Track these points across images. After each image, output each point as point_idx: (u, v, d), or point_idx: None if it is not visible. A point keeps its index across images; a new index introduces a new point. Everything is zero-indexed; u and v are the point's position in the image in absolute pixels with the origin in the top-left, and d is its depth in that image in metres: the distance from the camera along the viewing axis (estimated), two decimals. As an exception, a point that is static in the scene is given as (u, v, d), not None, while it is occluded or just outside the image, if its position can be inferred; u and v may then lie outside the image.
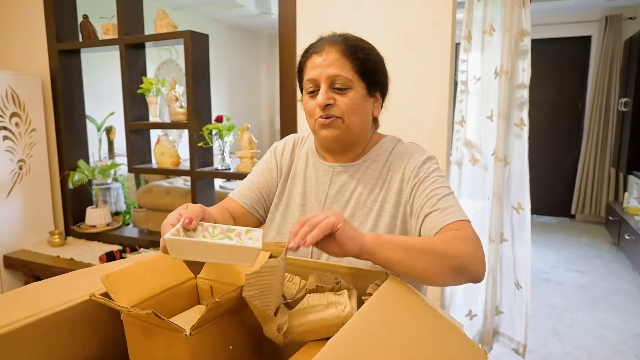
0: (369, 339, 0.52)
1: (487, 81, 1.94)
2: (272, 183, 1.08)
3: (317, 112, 0.92)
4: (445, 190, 0.89)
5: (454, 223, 0.82)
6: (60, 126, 2.71)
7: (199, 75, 2.29)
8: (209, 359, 0.58)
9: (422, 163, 0.94)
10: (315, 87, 0.92)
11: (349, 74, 0.90)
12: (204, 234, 0.72)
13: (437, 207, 0.86)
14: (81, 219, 2.81)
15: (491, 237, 1.96)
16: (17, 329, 0.55)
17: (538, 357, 2.34)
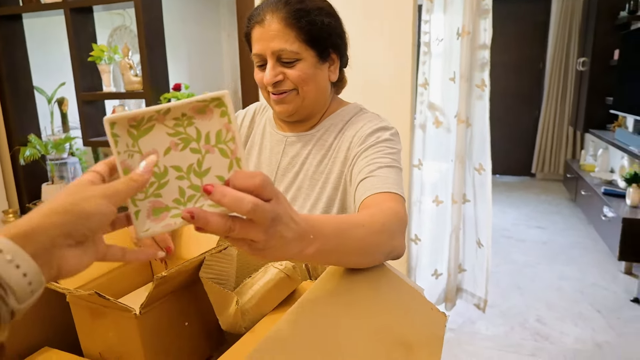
0: (328, 306, 0.51)
1: (449, 42, 1.93)
2: None
3: (269, 87, 0.88)
4: (389, 161, 0.82)
5: (386, 194, 0.75)
6: (6, 98, 2.54)
7: (153, 41, 2.17)
8: (163, 337, 0.56)
9: (373, 131, 0.88)
10: (262, 61, 0.86)
11: (293, 46, 0.83)
12: (222, 128, 0.46)
13: (374, 175, 0.79)
14: (36, 196, 2.69)
15: (454, 198, 2.00)
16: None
17: (500, 311, 2.45)
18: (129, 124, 0.45)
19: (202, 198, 0.46)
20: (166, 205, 0.46)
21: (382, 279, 0.63)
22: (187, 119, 0.46)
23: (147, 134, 0.46)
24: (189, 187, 0.47)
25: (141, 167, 0.44)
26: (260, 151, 1.00)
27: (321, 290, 0.54)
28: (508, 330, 2.27)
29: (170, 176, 0.46)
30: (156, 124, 0.46)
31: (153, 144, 0.46)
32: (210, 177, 0.46)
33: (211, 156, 0.46)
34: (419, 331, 0.58)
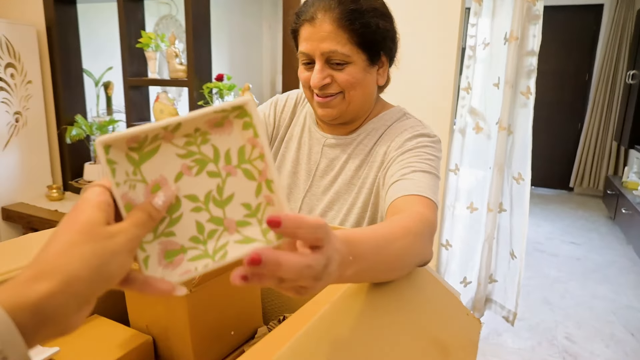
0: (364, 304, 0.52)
1: (496, 47, 1.89)
2: None
3: (315, 89, 0.84)
4: (426, 167, 0.77)
5: (417, 197, 0.71)
6: (57, 79, 2.65)
7: (199, 31, 2.22)
8: (208, 315, 0.58)
9: (413, 137, 0.84)
10: (309, 60, 0.83)
11: (345, 49, 0.78)
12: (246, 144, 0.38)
13: (408, 178, 0.75)
14: (79, 174, 2.80)
15: (490, 206, 1.96)
16: (12, 279, 0.54)
17: (528, 325, 2.39)
18: (128, 146, 0.36)
19: (226, 233, 0.38)
20: (181, 245, 0.37)
21: (419, 279, 0.63)
22: (202, 135, 0.37)
23: (152, 157, 0.36)
24: (208, 221, 0.38)
25: (160, 202, 0.35)
26: (300, 146, 0.97)
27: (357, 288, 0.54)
28: (535, 345, 2.22)
29: (185, 208, 0.37)
30: (162, 144, 0.37)
31: (160, 169, 0.37)
32: (235, 205, 0.38)
33: (233, 179, 0.38)
34: (454, 334, 0.58)
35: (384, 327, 0.49)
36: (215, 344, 0.59)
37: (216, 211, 0.38)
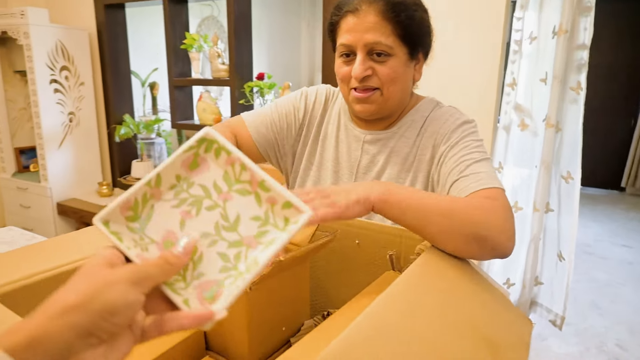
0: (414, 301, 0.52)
1: (543, 41, 1.82)
2: (289, 131, 0.97)
3: (353, 82, 0.83)
4: (478, 156, 0.78)
5: (483, 190, 0.71)
6: (107, 80, 2.78)
7: (241, 31, 2.27)
8: (265, 313, 0.59)
9: (457, 127, 0.84)
10: (349, 51, 0.82)
11: (389, 40, 0.78)
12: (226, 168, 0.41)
13: (465, 174, 0.76)
14: (127, 171, 2.92)
15: (536, 206, 1.90)
16: (75, 269, 0.57)
17: (575, 330, 2.30)
18: (124, 216, 0.37)
19: (250, 249, 0.39)
20: (216, 280, 0.38)
21: (468, 278, 0.62)
22: (185, 181, 0.39)
23: (150, 220, 0.38)
24: (229, 248, 0.39)
25: (180, 248, 0.36)
26: (337, 144, 0.95)
27: (407, 283, 0.54)
28: (583, 351, 2.13)
29: (202, 247, 0.38)
30: (155, 204, 0.38)
31: (163, 225, 0.38)
32: (245, 223, 0.39)
33: (232, 202, 0.40)
34: (505, 333, 0.57)
35: (431, 322, 0.49)
36: (268, 338, 0.60)
37: (231, 236, 0.39)
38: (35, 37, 2.42)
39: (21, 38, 2.44)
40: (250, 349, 0.57)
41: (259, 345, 0.58)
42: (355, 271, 0.74)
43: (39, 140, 2.57)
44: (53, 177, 2.64)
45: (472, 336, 0.50)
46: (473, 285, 0.60)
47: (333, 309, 0.73)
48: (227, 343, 0.59)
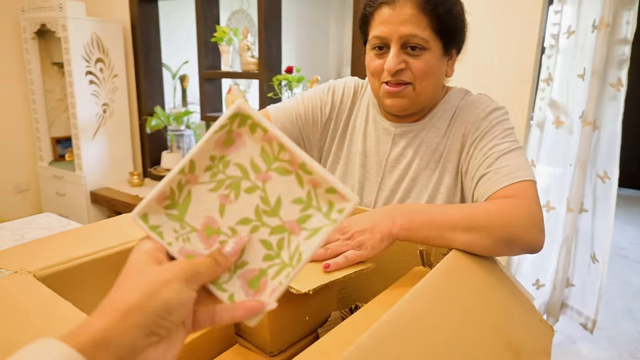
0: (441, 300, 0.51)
1: (582, 35, 1.75)
2: (315, 126, 0.96)
3: (384, 76, 0.81)
4: (507, 146, 0.76)
5: (509, 187, 0.70)
6: (140, 72, 2.84)
7: (270, 25, 2.27)
8: (288, 301, 0.59)
9: (486, 115, 0.82)
10: (383, 44, 0.80)
11: (425, 33, 0.76)
12: (263, 145, 0.38)
13: (493, 168, 0.74)
14: (157, 162, 2.99)
15: (570, 206, 1.84)
16: (112, 254, 0.59)
17: (607, 335, 2.23)
18: (162, 205, 0.36)
19: (293, 236, 0.37)
20: (260, 269, 0.37)
21: (496, 280, 0.61)
22: (220, 160, 0.37)
23: (189, 206, 0.37)
24: (271, 234, 0.37)
25: (229, 248, 0.35)
26: (365, 138, 0.94)
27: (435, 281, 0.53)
28: (615, 356, 2.06)
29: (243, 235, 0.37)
30: (192, 189, 0.37)
31: (202, 211, 0.37)
32: (287, 206, 0.37)
33: (272, 183, 0.37)
34: (527, 339, 0.56)
35: (459, 323, 0.48)
36: (291, 327, 0.61)
37: (273, 221, 0.37)
38: (72, 30, 2.49)
39: (59, 31, 2.51)
40: (272, 336, 0.57)
41: (281, 334, 0.59)
42: (384, 265, 0.73)
43: (74, 130, 2.66)
44: (87, 166, 2.72)
45: (496, 339, 0.49)
46: (500, 287, 0.59)
47: (361, 303, 0.73)
48: (251, 330, 0.60)
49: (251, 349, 0.60)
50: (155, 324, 0.29)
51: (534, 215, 0.66)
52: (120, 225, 0.72)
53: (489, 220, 0.63)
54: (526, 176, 0.72)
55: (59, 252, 0.56)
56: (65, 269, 0.53)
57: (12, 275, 0.49)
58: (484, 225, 0.62)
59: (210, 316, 0.34)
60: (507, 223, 0.63)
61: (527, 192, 0.69)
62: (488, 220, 0.63)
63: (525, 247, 0.65)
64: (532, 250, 0.66)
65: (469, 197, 0.81)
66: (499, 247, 0.63)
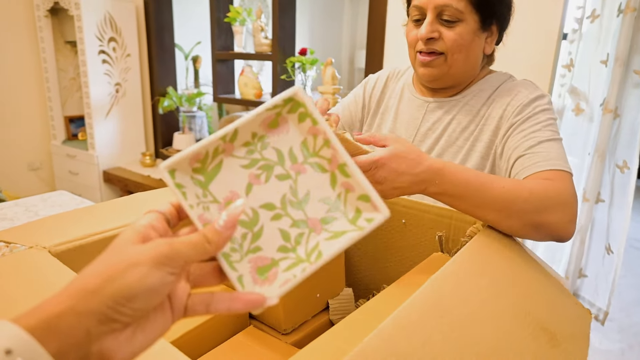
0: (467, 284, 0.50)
1: (607, 20, 1.69)
2: (355, 116, 1.02)
3: (419, 45, 0.83)
4: (550, 134, 0.75)
5: (548, 171, 0.69)
6: (152, 52, 2.82)
7: (285, 5, 2.24)
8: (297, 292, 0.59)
9: (531, 101, 0.81)
10: (421, 15, 0.82)
11: (460, 4, 0.78)
12: (307, 136, 0.38)
13: (533, 151, 0.73)
14: (169, 143, 2.99)
15: (586, 195, 1.81)
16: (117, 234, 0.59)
17: (618, 326, 2.21)
18: (192, 167, 0.35)
19: (314, 234, 0.36)
20: (272, 259, 0.35)
21: (524, 263, 0.59)
22: (260, 140, 0.36)
23: (217, 175, 0.35)
24: (292, 226, 0.36)
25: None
26: (397, 115, 0.97)
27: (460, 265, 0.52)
28: (626, 348, 2.04)
29: (264, 220, 0.36)
30: (224, 159, 0.35)
31: (228, 185, 0.35)
32: (314, 203, 0.36)
33: (305, 177, 0.36)
34: (563, 323, 0.54)
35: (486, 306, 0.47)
36: (302, 303, 0.60)
37: (297, 214, 0.36)
38: (85, 8, 2.47)
39: (72, 9, 2.50)
40: (285, 314, 0.57)
41: (294, 312, 0.58)
42: (401, 251, 0.72)
43: (87, 110, 2.66)
44: (100, 145, 2.73)
45: (528, 323, 0.48)
46: (529, 271, 0.57)
47: (377, 290, 0.72)
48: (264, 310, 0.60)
49: (264, 329, 0.59)
50: (113, 310, 0.27)
51: (570, 207, 0.65)
52: (132, 204, 0.72)
53: (527, 199, 0.61)
54: (566, 167, 0.71)
55: (74, 228, 0.56)
56: (79, 245, 0.52)
57: (28, 251, 0.49)
58: (519, 209, 0.61)
59: (206, 303, 0.32)
60: (545, 208, 0.62)
61: (567, 182, 0.68)
62: (524, 200, 0.61)
63: (554, 236, 0.64)
64: (560, 239, 0.65)
65: None
66: (528, 231, 0.62)
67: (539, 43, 1.71)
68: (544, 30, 1.69)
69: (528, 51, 1.73)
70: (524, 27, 1.71)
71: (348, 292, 0.66)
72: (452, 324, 0.40)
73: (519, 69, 1.75)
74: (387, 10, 1.94)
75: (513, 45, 1.74)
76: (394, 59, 2.01)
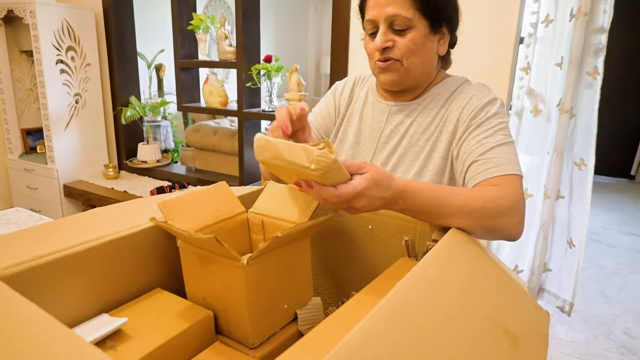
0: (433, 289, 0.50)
1: (560, 24, 1.77)
2: (329, 122, 1.06)
3: (376, 55, 0.88)
4: (501, 139, 0.81)
5: (499, 177, 0.75)
6: (113, 62, 2.75)
7: (249, 12, 2.22)
8: (264, 288, 0.58)
9: (484, 105, 0.86)
10: (375, 28, 0.87)
11: (408, 13, 0.82)
12: None
13: (486, 157, 0.79)
14: (133, 154, 2.91)
15: (547, 193, 1.87)
16: (84, 250, 0.56)
17: (582, 318, 2.29)
18: None
19: None
20: None
21: (487, 267, 0.60)
22: None
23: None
24: None
25: None
26: (361, 119, 1.01)
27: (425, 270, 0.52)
28: (590, 338, 2.12)
29: None
30: None
31: None
32: None
33: None
34: (524, 325, 0.55)
35: (452, 311, 0.47)
36: (270, 315, 0.59)
37: None
38: (41, 17, 2.39)
39: (27, 17, 2.41)
40: (252, 325, 0.56)
41: (261, 323, 0.58)
42: (369, 257, 0.72)
43: (45, 122, 2.56)
44: (60, 158, 2.63)
45: (492, 327, 0.48)
46: (492, 275, 0.58)
47: (347, 298, 0.72)
48: (230, 323, 0.58)
49: (231, 344, 0.58)
50: None
51: (520, 208, 0.71)
52: (93, 219, 0.69)
53: (483, 212, 0.67)
54: (516, 170, 0.76)
55: (26, 249, 0.53)
56: (31, 268, 0.50)
57: (-25, 275, 0.46)
58: (475, 217, 0.66)
59: None
60: (497, 214, 0.68)
61: (516, 185, 0.74)
62: (483, 212, 0.67)
63: (504, 237, 0.71)
64: (511, 239, 0.71)
65: (460, 180, 0.84)
66: (482, 234, 0.68)
67: (498, 47, 1.76)
68: (502, 35, 1.75)
69: (488, 55, 1.78)
70: (484, 32, 1.76)
71: (316, 302, 0.65)
72: (419, 330, 0.40)
73: (480, 72, 1.80)
74: (350, 17, 1.96)
75: (474, 50, 1.79)
76: (358, 65, 2.03)
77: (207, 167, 2.79)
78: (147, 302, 0.61)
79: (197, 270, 0.61)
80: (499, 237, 0.71)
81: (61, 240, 0.57)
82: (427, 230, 0.68)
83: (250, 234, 0.76)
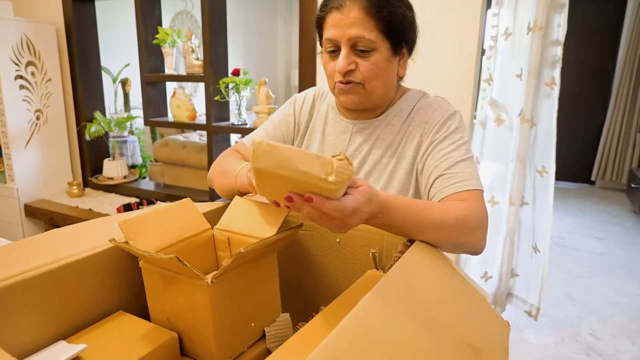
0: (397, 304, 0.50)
1: (519, 37, 1.84)
2: (288, 136, 1.04)
3: (337, 77, 0.86)
4: (464, 153, 0.83)
5: (465, 192, 0.77)
6: (76, 76, 2.68)
7: (215, 26, 2.22)
8: (230, 307, 0.57)
9: (446, 119, 0.88)
10: (335, 47, 0.85)
11: (372, 35, 0.81)
12: None
13: (450, 172, 0.80)
14: (98, 170, 2.83)
15: (512, 199, 1.92)
16: (39, 275, 0.54)
17: (550, 321, 2.35)
18: None
19: None
20: None
21: (450, 279, 0.61)
22: None
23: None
24: None
25: None
26: (323, 138, 1.00)
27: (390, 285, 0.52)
28: (558, 341, 2.17)
29: None
30: None
31: None
32: None
33: None
34: (485, 337, 0.56)
35: (416, 326, 0.48)
36: (237, 334, 0.58)
37: None
38: (-2, 31, 2.31)
39: (-17, 32, 2.32)
40: (218, 345, 0.55)
41: (227, 342, 0.56)
42: (337, 270, 0.72)
43: (4, 139, 2.46)
44: (20, 177, 2.54)
45: (455, 341, 0.49)
46: (455, 287, 0.59)
47: (317, 312, 0.71)
48: (195, 343, 0.57)
49: (199, 365, 0.57)
50: None
51: (486, 224, 0.73)
52: (52, 241, 0.67)
53: (456, 229, 0.68)
54: (479, 186, 0.79)
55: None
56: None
57: None
58: (448, 233, 0.67)
59: None
60: (467, 230, 0.69)
61: (479, 201, 0.76)
62: (455, 229, 0.68)
63: (471, 250, 0.72)
64: (474, 253, 0.72)
65: (424, 194, 0.85)
66: (450, 248, 0.69)
67: (461, 60, 1.81)
68: (465, 48, 1.80)
69: (452, 67, 1.83)
70: (447, 45, 1.81)
71: (285, 318, 0.65)
72: (382, 348, 0.40)
73: (444, 84, 1.84)
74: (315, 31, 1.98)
75: (438, 62, 1.84)
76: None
77: (176, 182, 2.74)
78: (108, 326, 0.59)
79: (160, 291, 0.60)
80: (464, 251, 0.72)
81: (15, 265, 0.55)
82: (394, 242, 0.68)
83: (216, 251, 0.75)
